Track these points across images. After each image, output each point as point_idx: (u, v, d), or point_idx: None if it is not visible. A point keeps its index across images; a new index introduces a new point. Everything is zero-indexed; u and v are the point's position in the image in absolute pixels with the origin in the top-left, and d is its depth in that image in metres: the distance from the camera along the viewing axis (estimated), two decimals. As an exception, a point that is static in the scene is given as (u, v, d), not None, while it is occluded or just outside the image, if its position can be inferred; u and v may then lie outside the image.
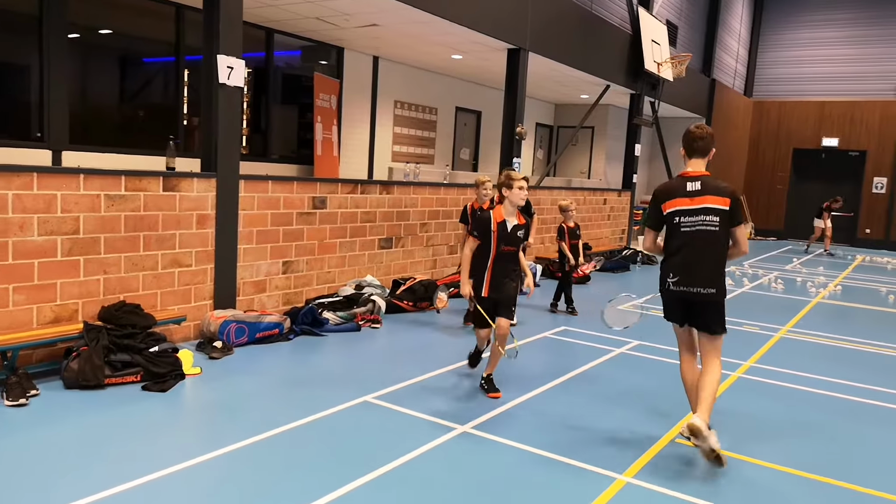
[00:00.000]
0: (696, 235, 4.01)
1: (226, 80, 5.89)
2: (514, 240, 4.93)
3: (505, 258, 4.92)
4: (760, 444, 4.31)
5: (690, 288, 4.01)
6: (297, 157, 10.62)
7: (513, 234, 4.91)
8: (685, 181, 4.10)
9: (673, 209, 4.07)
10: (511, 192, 4.89)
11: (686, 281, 4.01)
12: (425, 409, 4.54)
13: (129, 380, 4.72)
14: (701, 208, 4.01)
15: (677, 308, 4.16)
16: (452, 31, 8.94)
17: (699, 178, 4.07)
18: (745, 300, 9.71)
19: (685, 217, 4.04)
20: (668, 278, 4.08)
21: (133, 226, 5.36)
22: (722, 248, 4.05)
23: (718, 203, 4.00)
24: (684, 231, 4.04)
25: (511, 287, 4.95)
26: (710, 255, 4.02)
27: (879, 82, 19.34)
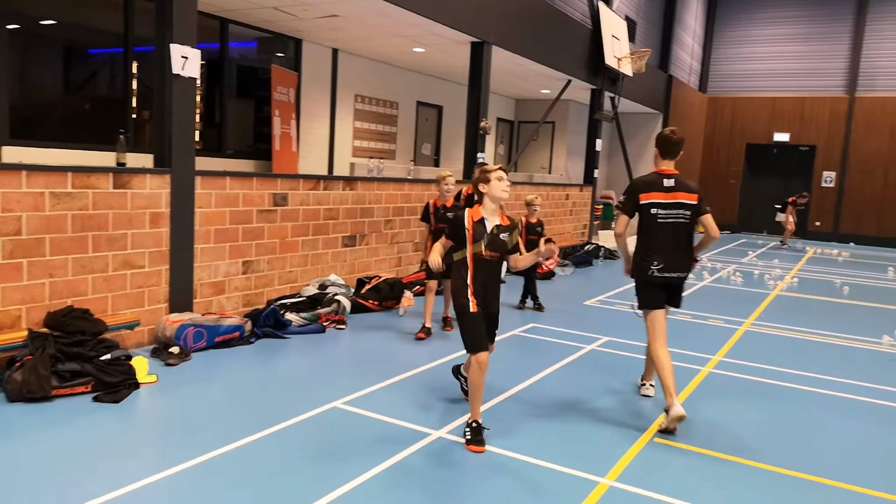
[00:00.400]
0: (671, 227, 4.55)
1: (180, 70, 5.58)
2: (497, 244, 4.06)
3: (486, 268, 4.06)
4: (737, 442, 4.26)
5: (672, 273, 4.57)
6: (254, 153, 10.27)
7: (495, 238, 4.04)
8: (661, 178, 4.61)
9: (649, 201, 4.55)
10: (489, 186, 4.04)
11: (668, 267, 4.55)
12: (398, 415, 4.36)
13: (78, 390, 4.41)
14: (675, 203, 4.55)
15: (660, 293, 4.61)
16: (415, 22, 8.74)
17: (673, 177, 4.60)
18: (708, 294, 9.79)
19: (661, 210, 4.54)
20: (653, 266, 4.53)
21: (81, 225, 5.03)
22: (691, 237, 4.65)
23: (689, 199, 4.56)
24: (661, 223, 4.54)
25: (496, 304, 4.17)
26: (684, 244, 4.62)
27: (828, 79, 19.84)
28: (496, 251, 4.06)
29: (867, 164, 19.34)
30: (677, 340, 6.65)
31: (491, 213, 4.10)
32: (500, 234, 4.08)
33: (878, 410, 5.07)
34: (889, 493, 3.67)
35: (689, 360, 6.07)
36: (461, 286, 4.06)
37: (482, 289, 4.06)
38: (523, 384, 5.12)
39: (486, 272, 4.07)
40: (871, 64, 19.25)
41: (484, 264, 4.05)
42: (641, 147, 17.95)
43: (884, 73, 19.11)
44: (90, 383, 4.44)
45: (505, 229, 4.10)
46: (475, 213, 4.10)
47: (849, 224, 19.67)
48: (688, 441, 4.20)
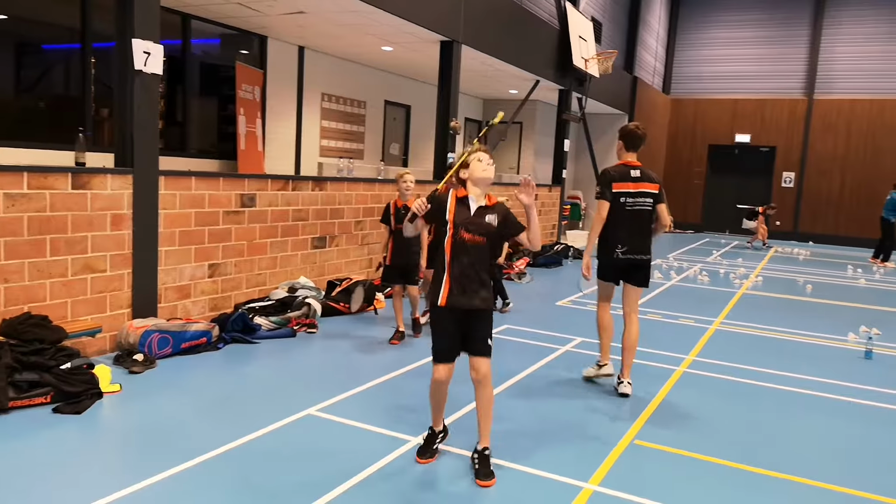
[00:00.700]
0: (636, 213, 5.01)
1: (142, 66, 5.37)
2: (481, 227, 3.54)
3: (466, 253, 3.52)
4: (718, 443, 4.25)
5: (635, 255, 5.04)
6: (218, 152, 10.01)
7: (479, 218, 3.56)
8: (629, 169, 5.06)
9: (620, 190, 5.00)
10: (469, 169, 3.61)
11: (632, 250, 5.02)
12: (376, 421, 4.24)
13: (37, 401, 4.19)
14: (640, 192, 5.02)
15: (617, 271, 5.15)
16: (385, 20, 8.61)
17: (638, 168, 5.07)
18: (676, 293, 9.87)
19: (629, 198, 5.00)
20: (617, 248, 5.00)
21: (38, 228, 4.79)
22: (651, 222, 5.11)
23: (652, 188, 5.05)
24: (628, 210, 4.99)
25: (477, 298, 3.54)
26: (646, 228, 5.08)
27: (787, 81, 20.28)
28: (479, 234, 3.54)
29: (825, 164, 19.82)
30: (650, 340, 6.67)
31: (477, 196, 3.60)
32: (485, 215, 3.55)
33: (850, 408, 5.12)
34: (868, 491, 3.69)
35: (663, 360, 6.08)
36: (438, 274, 3.60)
37: (459, 277, 3.51)
38: (500, 387, 5.05)
39: (466, 258, 3.52)
40: (828, 67, 19.74)
41: (463, 248, 3.53)
42: (607, 148, 18.06)
43: (840, 75, 19.61)
44: (50, 394, 4.22)
45: (490, 210, 3.58)
46: (460, 192, 3.64)
47: (807, 223, 20.13)
48: (670, 443, 4.18)
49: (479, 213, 3.57)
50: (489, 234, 3.56)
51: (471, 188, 3.62)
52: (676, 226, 21.44)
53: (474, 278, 3.53)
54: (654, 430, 4.37)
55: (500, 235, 3.66)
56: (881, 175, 18.84)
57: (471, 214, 3.56)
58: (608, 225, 5.00)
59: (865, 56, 19.28)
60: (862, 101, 19.27)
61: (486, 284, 3.59)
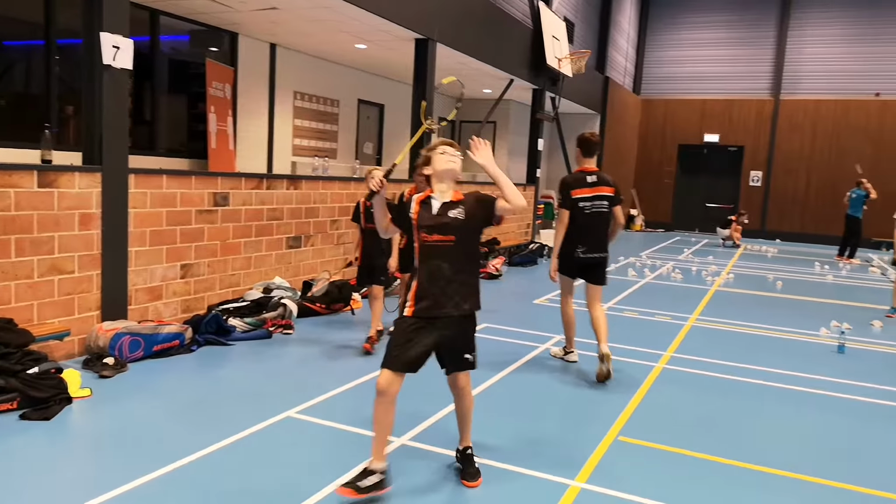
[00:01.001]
0: (594, 216, 5.48)
1: (111, 61, 5.20)
2: (446, 226, 3.26)
3: (435, 257, 3.28)
4: (701, 438, 4.25)
5: (593, 254, 5.51)
6: (188, 151, 9.80)
7: (442, 216, 3.27)
8: (585, 175, 5.50)
9: (578, 196, 5.46)
10: (433, 163, 3.36)
11: (591, 250, 5.50)
12: (357, 422, 4.15)
13: (3, 408, 4.02)
14: (597, 195, 5.47)
15: (577, 268, 5.58)
16: (359, 18, 8.51)
17: (594, 173, 5.50)
18: (651, 290, 9.93)
19: (587, 202, 5.46)
20: (578, 249, 5.46)
21: (2, 228, 4.61)
22: (608, 223, 5.56)
23: (608, 191, 5.51)
24: (586, 213, 5.45)
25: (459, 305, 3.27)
26: (603, 229, 5.56)
27: (754, 81, 20.62)
28: (446, 233, 3.25)
29: (791, 163, 20.19)
30: (628, 337, 6.69)
31: (441, 192, 3.33)
32: (447, 211, 3.26)
33: (826, 401, 5.18)
34: (846, 482, 3.72)
35: (642, 357, 6.09)
36: (410, 281, 3.37)
37: (428, 283, 3.24)
38: (482, 386, 5.00)
39: (435, 262, 3.25)
40: (794, 68, 20.11)
41: (431, 252, 3.27)
42: (580, 147, 18.20)
43: (806, 76, 19.99)
44: (16, 399, 4.05)
45: (456, 204, 3.30)
46: (423, 195, 3.39)
47: (774, 221, 20.48)
48: (654, 439, 4.17)
49: (442, 211, 3.27)
50: (457, 230, 3.26)
51: (436, 185, 3.34)
52: (647, 224, 21.68)
53: (450, 282, 3.24)
54: (638, 427, 4.36)
55: (472, 228, 3.34)
56: (845, 174, 19.20)
57: (434, 214, 3.27)
58: (570, 228, 5.50)
59: (830, 57, 19.69)
60: (827, 101, 19.67)
61: (468, 288, 3.29)
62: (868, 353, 6.83)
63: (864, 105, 19.25)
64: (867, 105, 19.22)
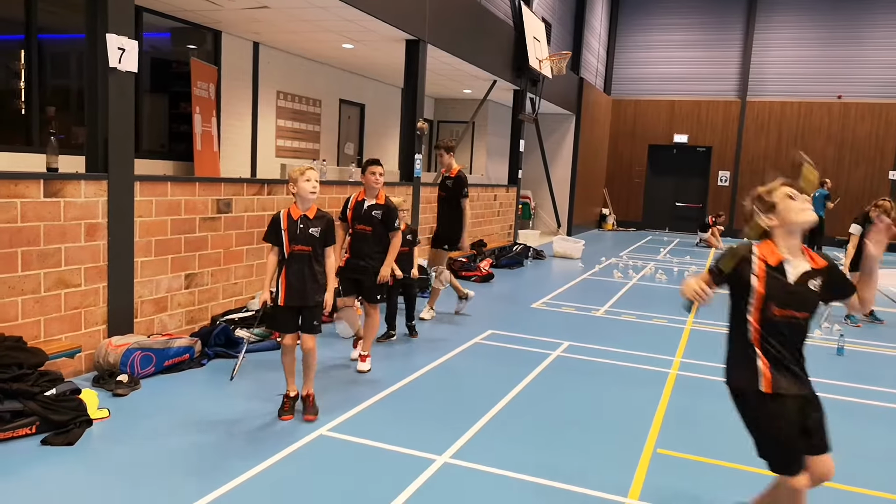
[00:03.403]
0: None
1: (117, 63, 4.97)
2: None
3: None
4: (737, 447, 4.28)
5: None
6: (170, 153, 9.49)
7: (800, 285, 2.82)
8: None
9: None
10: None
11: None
12: (392, 439, 4.06)
13: (21, 433, 3.81)
14: None
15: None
16: (352, 17, 8.35)
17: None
18: (640, 292, 10.03)
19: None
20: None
21: (9, 240, 4.37)
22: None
23: None
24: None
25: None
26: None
27: (722, 83, 21.04)
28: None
29: (757, 163, 20.67)
30: (634, 342, 6.73)
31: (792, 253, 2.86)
32: (808, 280, 2.83)
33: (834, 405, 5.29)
34: (857, 485, 3.79)
35: (653, 363, 6.12)
36: None
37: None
38: (504, 400, 4.94)
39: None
40: (760, 70, 20.59)
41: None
42: (556, 147, 18.31)
43: (771, 79, 20.48)
44: (35, 424, 3.84)
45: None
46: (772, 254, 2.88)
47: (742, 220, 20.89)
48: (691, 450, 4.18)
49: (802, 280, 2.81)
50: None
51: (784, 241, 2.87)
52: (619, 223, 21.95)
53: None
54: (672, 438, 4.37)
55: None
56: (809, 174, 19.82)
57: (789, 282, 2.81)
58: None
59: (795, 60, 20.21)
60: (791, 103, 20.20)
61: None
62: (867, 355, 7.01)
63: (827, 107, 19.83)
64: (830, 107, 19.81)
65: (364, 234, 5.41)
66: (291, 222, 4.26)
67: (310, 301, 4.28)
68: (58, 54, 7.82)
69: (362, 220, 5.43)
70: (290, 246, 4.24)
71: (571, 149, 18.55)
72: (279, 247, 4.30)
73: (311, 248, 4.26)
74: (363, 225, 5.42)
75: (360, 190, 5.55)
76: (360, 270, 5.40)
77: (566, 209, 18.62)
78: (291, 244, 4.24)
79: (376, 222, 5.39)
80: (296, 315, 4.32)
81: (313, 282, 4.29)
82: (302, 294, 4.26)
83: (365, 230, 5.40)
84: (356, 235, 5.43)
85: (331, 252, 4.39)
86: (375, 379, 5.25)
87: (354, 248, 5.44)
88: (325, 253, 4.36)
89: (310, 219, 4.28)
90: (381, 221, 5.40)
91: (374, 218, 5.40)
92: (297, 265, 4.25)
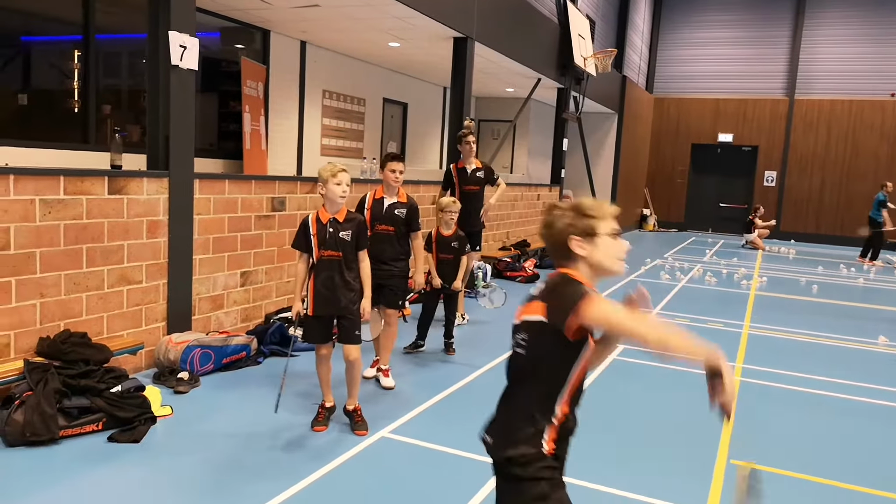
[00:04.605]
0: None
1: (178, 61, 4.99)
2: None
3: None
4: (814, 459, 4.11)
5: None
6: (219, 151, 9.57)
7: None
8: None
9: None
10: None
11: None
12: (458, 443, 3.97)
13: (88, 429, 3.82)
14: None
15: None
16: (401, 14, 8.30)
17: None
18: (690, 295, 9.79)
19: None
20: None
21: (74, 237, 4.40)
22: None
23: None
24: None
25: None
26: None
27: (768, 81, 20.53)
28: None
29: (805, 163, 20.14)
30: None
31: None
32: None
33: (915, 416, 5.06)
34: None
35: (714, 368, 5.93)
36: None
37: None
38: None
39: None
40: (809, 67, 20.04)
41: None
42: (598, 146, 18.06)
43: (820, 76, 19.92)
44: (101, 420, 3.85)
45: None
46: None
47: (789, 222, 20.42)
48: (765, 461, 4.01)
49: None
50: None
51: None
52: (660, 224, 21.58)
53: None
54: (743, 448, 4.21)
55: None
56: (860, 175, 19.26)
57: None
58: None
59: (845, 57, 19.62)
60: (842, 101, 19.61)
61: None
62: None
63: (880, 105, 19.20)
64: (883, 105, 19.18)
65: (386, 235, 4.98)
66: (320, 226, 3.98)
67: (342, 309, 4.02)
68: (110, 54, 7.92)
69: (384, 220, 5.01)
70: (319, 251, 3.97)
71: (613, 148, 18.28)
72: (308, 254, 4.02)
73: (342, 253, 3.97)
74: (385, 225, 4.99)
75: (377, 188, 5.13)
76: (383, 275, 4.89)
77: (607, 209, 18.32)
78: (320, 249, 3.96)
79: (400, 222, 4.98)
80: (328, 324, 4.08)
81: (345, 289, 4.00)
82: (332, 302, 3.98)
83: (387, 230, 4.98)
84: (376, 237, 4.91)
85: (364, 256, 4.10)
86: (434, 373, 5.17)
87: (375, 251, 4.77)
88: (359, 257, 4.08)
89: (339, 222, 3.99)
90: (405, 221, 5.00)
91: (398, 217, 4.98)
92: (326, 272, 3.97)
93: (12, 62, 7.22)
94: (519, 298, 2.10)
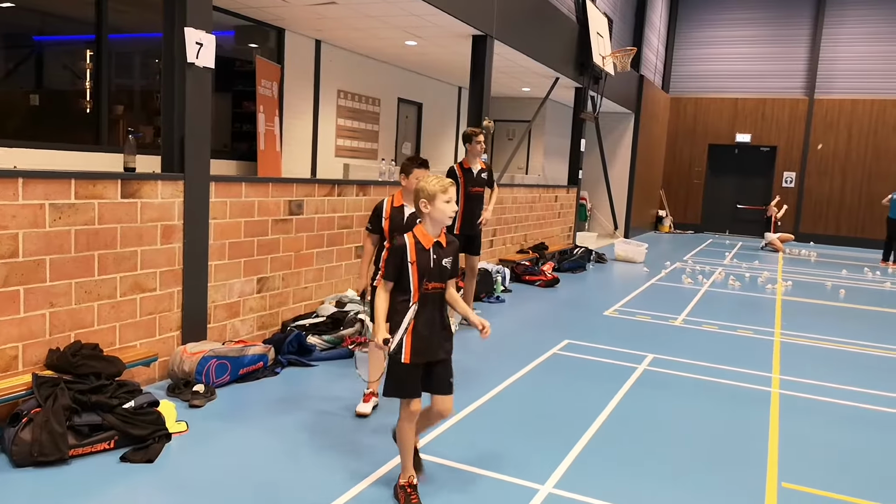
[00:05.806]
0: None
1: (194, 59, 4.78)
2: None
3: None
4: (876, 483, 3.85)
5: None
6: (232, 152, 9.38)
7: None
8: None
9: None
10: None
11: None
12: (485, 462, 3.74)
13: (99, 448, 3.61)
14: None
15: None
16: (419, 11, 8.07)
17: None
18: (715, 300, 9.51)
19: None
20: None
21: (86, 243, 4.20)
22: None
23: None
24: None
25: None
26: None
27: (787, 80, 20.17)
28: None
29: (825, 164, 19.77)
30: (720, 355, 6.30)
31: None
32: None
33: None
34: None
35: (750, 380, 5.67)
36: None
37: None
38: (602, 416, 4.59)
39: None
40: (829, 67, 19.66)
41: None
42: (614, 146, 17.77)
43: (840, 75, 19.54)
44: (113, 438, 3.64)
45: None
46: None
47: (808, 224, 20.06)
48: (819, 485, 3.75)
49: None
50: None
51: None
52: (676, 226, 21.25)
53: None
54: (794, 469, 3.95)
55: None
56: (882, 175, 18.87)
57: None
58: None
59: (866, 56, 19.24)
60: (863, 101, 19.23)
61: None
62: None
63: (903, 105, 18.81)
64: (905, 105, 18.79)
65: None
66: (421, 252, 3.19)
67: (440, 354, 3.27)
68: (122, 54, 7.75)
69: (404, 230, 4.72)
70: (421, 284, 3.18)
71: (630, 148, 17.98)
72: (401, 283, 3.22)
73: (445, 284, 3.29)
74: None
75: (395, 194, 4.64)
76: None
77: (623, 211, 18.05)
78: (424, 281, 3.19)
79: None
80: (422, 373, 3.26)
81: (443, 328, 3.27)
82: (432, 346, 3.23)
83: None
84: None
85: (451, 285, 3.37)
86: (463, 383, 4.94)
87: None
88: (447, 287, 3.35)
89: (443, 247, 3.27)
90: None
91: None
92: (430, 310, 3.22)
93: (25, 62, 7.06)
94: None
